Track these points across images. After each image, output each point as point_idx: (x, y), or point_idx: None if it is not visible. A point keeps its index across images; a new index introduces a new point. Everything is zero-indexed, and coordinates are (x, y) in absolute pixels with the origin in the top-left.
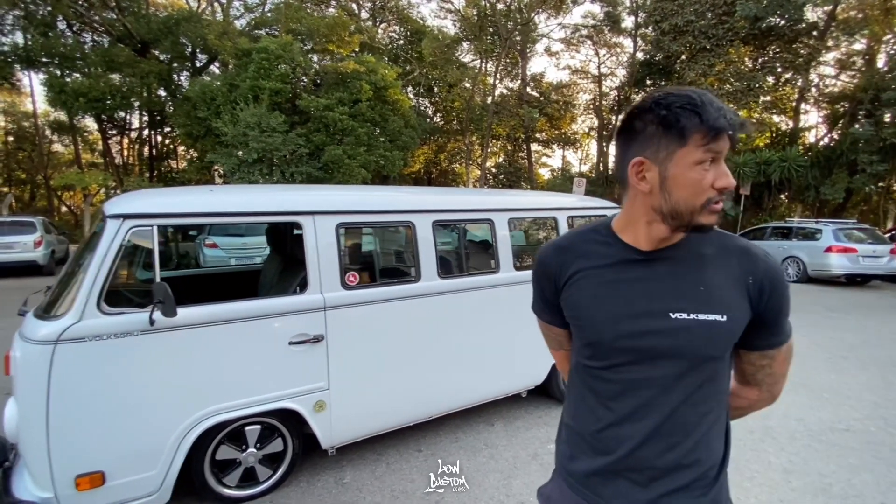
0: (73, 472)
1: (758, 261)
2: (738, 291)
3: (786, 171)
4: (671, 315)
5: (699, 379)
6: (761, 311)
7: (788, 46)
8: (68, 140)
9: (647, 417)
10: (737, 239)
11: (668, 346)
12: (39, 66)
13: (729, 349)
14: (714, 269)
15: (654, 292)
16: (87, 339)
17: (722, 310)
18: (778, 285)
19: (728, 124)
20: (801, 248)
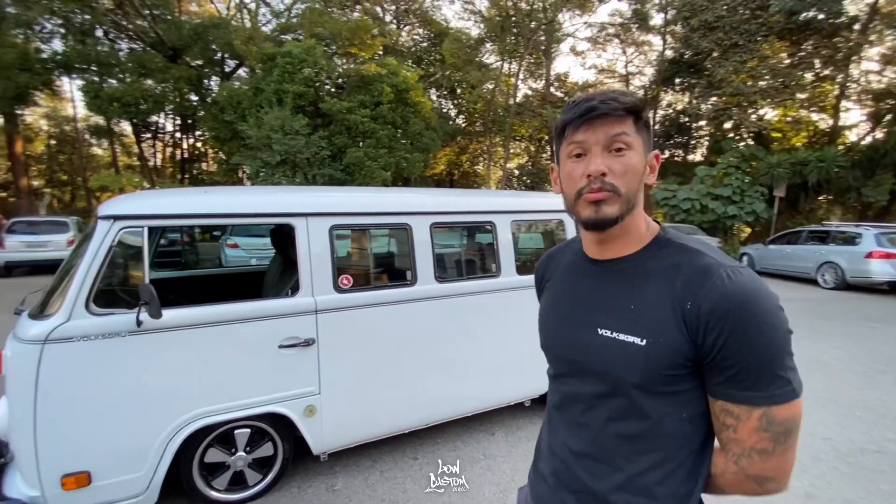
0: (59, 471)
1: (706, 284)
2: (669, 315)
3: (824, 171)
4: (598, 331)
5: (623, 407)
6: (707, 347)
7: (827, 41)
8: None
9: (577, 435)
10: (700, 257)
11: (591, 363)
12: (78, 73)
13: (658, 381)
14: (653, 287)
15: (593, 305)
16: (75, 340)
17: (643, 332)
18: (740, 320)
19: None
20: (840, 253)
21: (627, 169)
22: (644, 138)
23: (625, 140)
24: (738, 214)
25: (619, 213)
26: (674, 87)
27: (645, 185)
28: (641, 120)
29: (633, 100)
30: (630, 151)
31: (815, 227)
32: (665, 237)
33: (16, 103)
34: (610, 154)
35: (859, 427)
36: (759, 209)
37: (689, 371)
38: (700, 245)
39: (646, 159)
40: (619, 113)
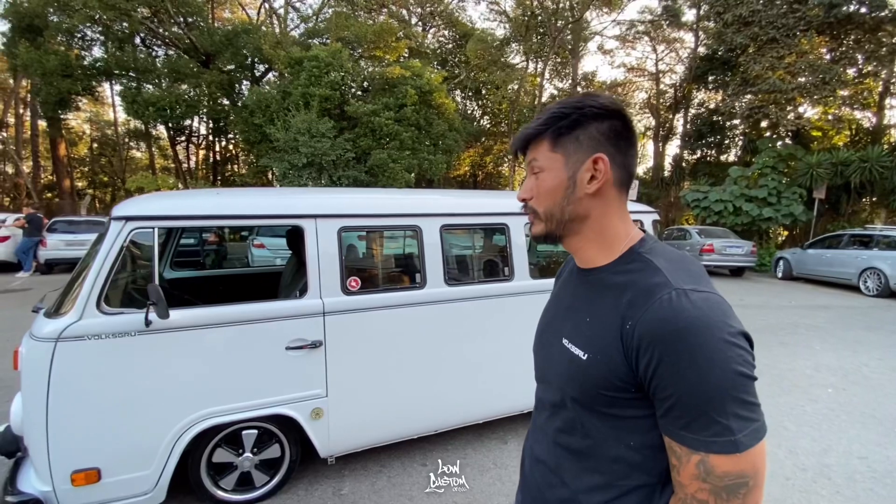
0: (69, 467)
1: (646, 305)
2: (612, 333)
3: (867, 172)
4: (562, 340)
5: (570, 420)
6: (641, 372)
7: (870, 36)
8: (144, 146)
9: (539, 441)
10: (653, 274)
11: (551, 371)
12: (117, 78)
13: (597, 399)
14: (605, 302)
15: (567, 313)
16: (86, 338)
17: (586, 347)
18: (669, 348)
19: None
20: (884, 258)
21: (539, 191)
22: (565, 151)
23: (536, 165)
24: (775, 217)
25: (544, 232)
26: (706, 85)
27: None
28: (557, 135)
29: (540, 122)
30: (543, 173)
31: (857, 231)
32: (637, 250)
33: (58, 108)
34: (534, 177)
35: (887, 448)
36: (797, 211)
37: (633, 396)
38: (667, 262)
39: (572, 171)
40: (524, 145)
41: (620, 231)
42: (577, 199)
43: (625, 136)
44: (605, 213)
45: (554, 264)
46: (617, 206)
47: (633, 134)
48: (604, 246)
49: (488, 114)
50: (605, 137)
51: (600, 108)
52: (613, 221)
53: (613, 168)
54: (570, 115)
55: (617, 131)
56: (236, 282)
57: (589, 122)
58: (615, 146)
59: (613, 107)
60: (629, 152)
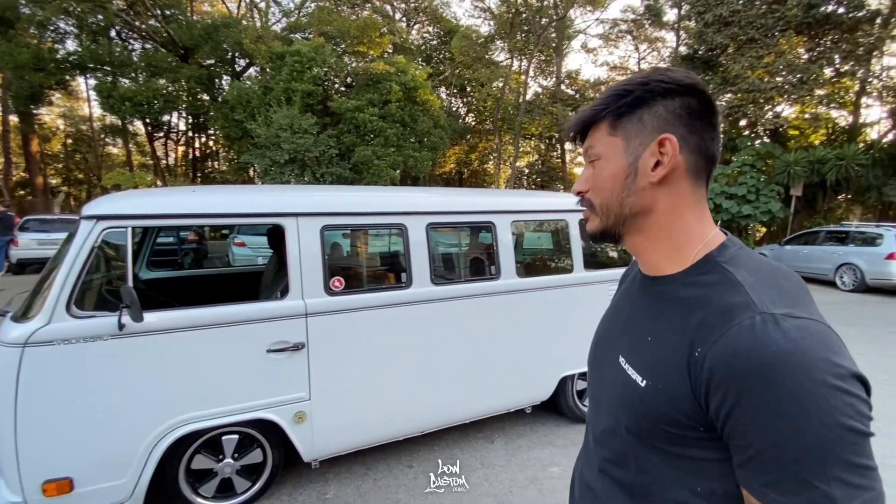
0: (40, 477)
1: (722, 330)
2: (677, 359)
3: (843, 170)
4: (618, 357)
5: (622, 450)
6: (713, 412)
7: (848, 36)
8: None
9: (588, 464)
10: (733, 291)
11: (605, 392)
12: (91, 72)
13: (656, 434)
14: (671, 320)
15: (626, 327)
16: (55, 343)
17: (645, 372)
18: (745, 388)
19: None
20: (859, 254)
21: (595, 181)
22: (625, 134)
23: (592, 152)
24: (753, 214)
25: (600, 228)
26: None
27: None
28: (618, 115)
29: (599, 104)
30: (600, 161)
31: (833, 228)
32: (715, 258)
33: (31, 102)
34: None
35: (879, 440)
36: (775, 209)
37: (703, 435)
38: (751, 274)
39: (633, 156)
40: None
41: (694, 232)
42: (640, 189)
43: (701, 116)
44: (675, 208)
45: (540, 262)
46: (691, 201)
47: (712, 113)
48: (673, 249)
49: (473, 111)
50: (676, 117)
51: (670, 83)
52: (686, 219)
53: (685, 152)
54: (632, 93)
55: (691, 109)
56: (216, 282)
57: (655, 99)
58: (688, 126)
59: (688, 81)
60: (707, 135)
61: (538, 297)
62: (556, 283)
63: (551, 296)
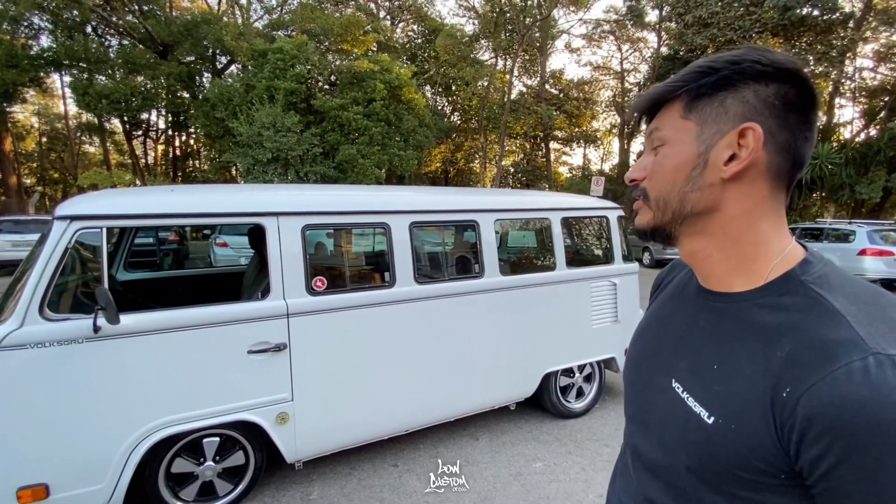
0: (14, 484)
1: (820, 372)
2: (756, 396)
3: (817, 169)
4: (672, 382)
5: (677, 490)
6: (804, 464)
7: (821, 37)
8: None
9: (628, 492)
10: (831, 323)
11: (655, 420)
12: (66, 69)
13: (724, 477)
14: (747, 348)
15: (681, 346)
16: (28, 346)
17: (714, 406)
18: (856, 446)
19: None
20: (833, 250)
21: (655, 168)
22: (700, 118)
23: (657, 136)
24: None
25: (651, 224)
26: None
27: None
28: (696, 96)
29: (672, 81)
30: (665, 147)
31: (808, 225)
32: (798, 277)
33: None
34: (652, 152)
35: None
36: None
37: (783, 482)
38: (853, 301)
39: (705, 145)
40: (652, 105)
41: (771, 243)
42: (707, 184)
43: (798, 109)
44: (748, 213)
45: (524, 261)
46: (769, 207)
47: (812, 108)
48: (741, 261)
49: (458, 110)
50: (767, 106)
51: (768, 65)
52: (760, 227)
53: (769, 148)
54: (718, 71)
55: (788, 100)
56: (197, 283)
57: (746, 82)
58: (780, 119)
59: (790, 65)
60: (801, 133)
61: (521, 295)
62: (538, 280)
63: (534, 293)
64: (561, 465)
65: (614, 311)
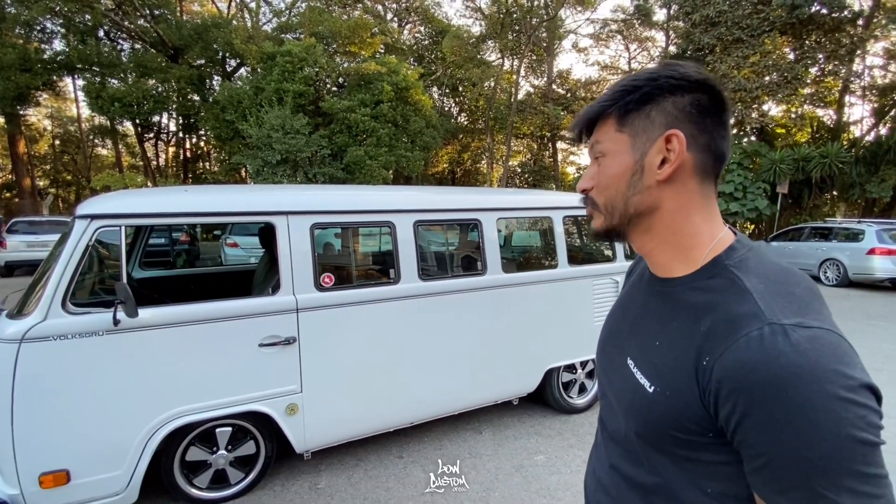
0: (37, 469)
1: (728, 341)
2: (685, 366)
3: (827, 167)
4: (626, 359)
5: (634, 451)
6: (722, 420)
7: (830, 36)
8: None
9: (598, 459)
10: (740, 300)
11: (616, 394)
12: (79, 73)
13: (665, 439)
14: (679, 325)
15: (635, 327)
16: (51, 339)
17: (653, 377)
18: (753, 401)
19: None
20: (842, 249)
21: (599, 179)
22: (632, 131)
23: (598, 149)
24: (741, 211)
25: (604, 227)
26: None
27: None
28: (624, 111)
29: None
30: (605, 158)
31: (817, 224)
32: (723, 261)
33: (17, 103)
34: (595, 164)
35: None
36: (762, 206)
37: (712, 440)
38: (759, 280)
39: (639, 153)
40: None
41: (703, 233)
42: (646, 187)
43: (712, 113)
44: (682, 207)
45: (526, 258)
46: (699, 200)
47: (723, 110)
48: (680, 250)
49: (465, 111)
50: (685, 113)
51: (680, 79)
52: (694, 219)
53: (693, 149)
54: (640, 88)
55: (702, 106)
56: (208, 281)
57: (664, 95)
58: (697, 123)
59: (698, 77)
60: (718, 132)
61: (524, 292)
62: (540, 278)
63: (536, 290)
64: (563, 458)
65: None
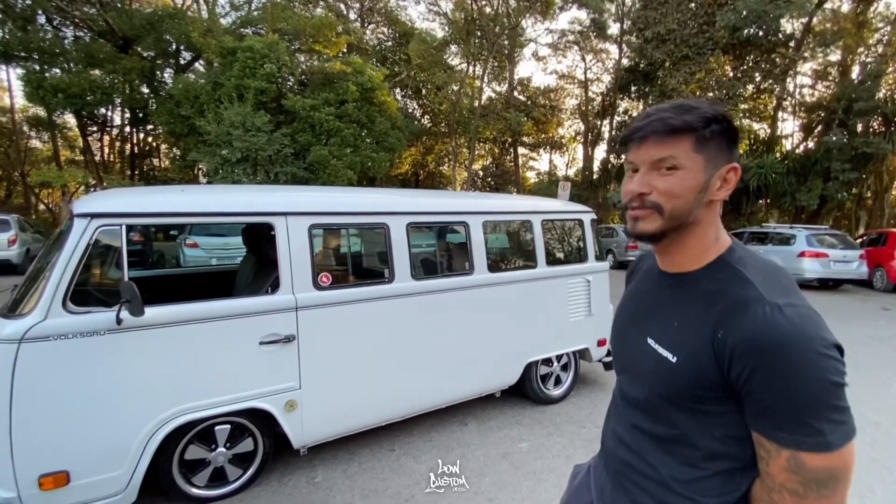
0: (36, 471)
1: (740, 318)
2: (702, 339)
3: (763, 177)
4: (647, 339)
5: (655, 411)
6: (734, 378)
7: (766, 56)
8: (47, 136)
9: (621, 425)
10: (745, 287)
11: (636, 367)
12: (17, 61)
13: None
14: (695, 308)
15: (651, 313)
16: (51, 338)
17: (676, 350)
18: (765, 360)
19: (627, 136)
20: (777, 252)
21: (674, 188)
22: (710, 154)
23: (673, 162)
24: None
25: (657, 230)
26: (630, 95)
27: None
28: (704, 137)
29: (686, 118)
30: (681, 171)
31: (755, 229)
32: (727, 259)
33: None
34: (657, 172)
35: None
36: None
37: (721, 395)
38: (758, 273)
39: (709, 175)
40: (665, 133)
41: (707, 240)
42: (703, 203)
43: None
44: (711, 223)
45: (509, 259)
46: (718, 217)
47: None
48: (698, 252)
49: (428, 113)
50: (734, 152)
51: (723, 119)
52: (713, 230)
53: None
54: (720, 122)
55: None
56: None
57: (725, 132)
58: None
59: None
60: None
61: (507, 290)
62: (522, 277)
63: (518, 289)
64: (545, 445)
65: (588, 306)
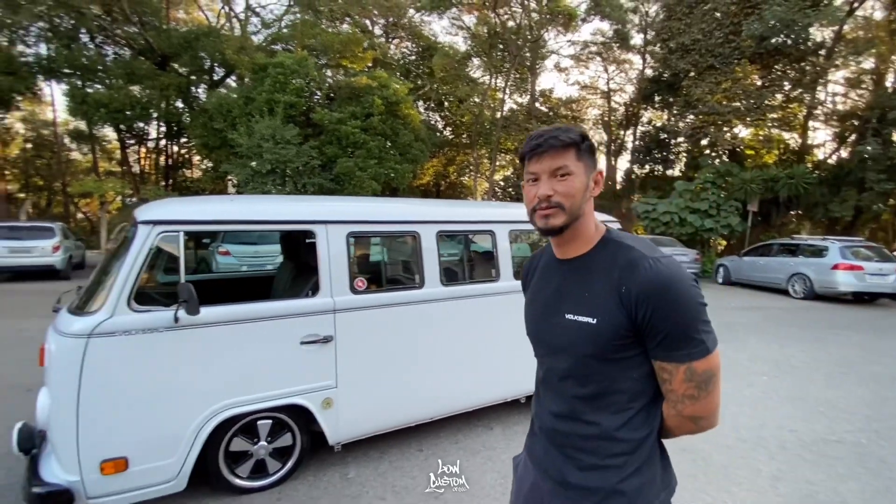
0: (99, 457)
1: (636, 272)
2: (612, 299)
3: (793, 188)
4: (565, 315)
5: (583, 374)
6: (640, 320)
7: (795, 65)
8: (86, 149)
9: (554, 399)
10: (629, 251)
11: (560, 342)
12: (61, 77)
13: (608, 350)
14: (599, 278)
15: (561, 295)
16: (117, 334)
17: (594, 314)
18: (660, 298)
19: (526, 149)
20: (808, 264)
21: (570, 189)
22: (586, 162)
23: (566, 169)
24: (715, 228)
25: (563, 223)
26: (653, 105)
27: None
28: (582, 149)
29: (571, 136)
30: (572, 176)
31: (785, 241)
32: (609, 237)
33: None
34: (555, 179)
35: (822, 421)
36: (734, 223)
37: (632, 341)
38: (633, 241)
39: (588, 178)
40: (559, 148)
41: (591, 227)
42: (586, 199)
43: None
44: (590, 213)
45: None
46: (593, 209)
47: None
48: (588, 237)
49: (451, 125)
50: (595, 160)
51: (590, 140)
52: (593, 220)
53: None
54: (587, 139)
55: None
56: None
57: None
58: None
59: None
60: None
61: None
62: None
63: None
64: None
65: None
